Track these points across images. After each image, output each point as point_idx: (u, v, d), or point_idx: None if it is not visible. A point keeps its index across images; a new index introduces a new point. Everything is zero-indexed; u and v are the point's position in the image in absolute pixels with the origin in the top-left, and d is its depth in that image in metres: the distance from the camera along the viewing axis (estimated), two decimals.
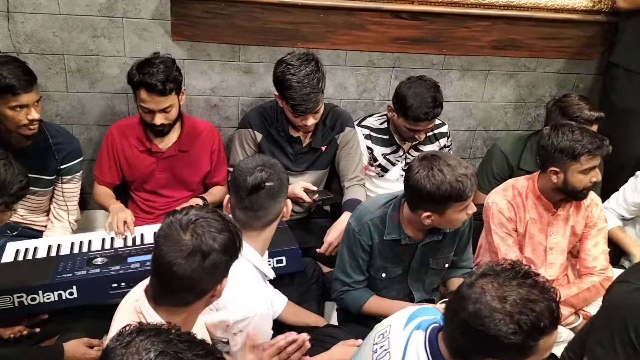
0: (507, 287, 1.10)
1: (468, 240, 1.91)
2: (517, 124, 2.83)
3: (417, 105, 2.20)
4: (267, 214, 1.51)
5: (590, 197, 2.15)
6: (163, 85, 2.00)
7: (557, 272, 2.23)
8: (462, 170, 1.60)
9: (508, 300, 1.08)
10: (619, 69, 2.49)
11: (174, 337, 0.85)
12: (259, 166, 1.50)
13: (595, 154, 1.94)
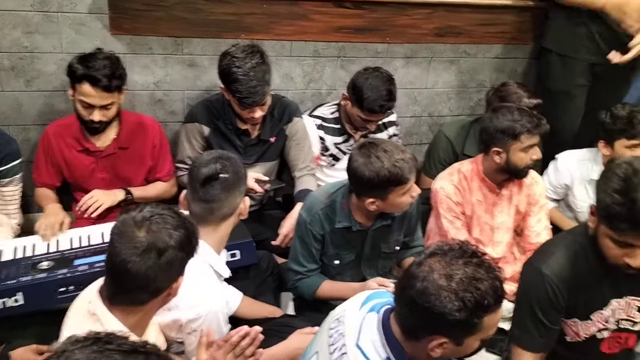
0: (454, 266, 1.14)
1: (417, 221, 1.97)
2: (461, 109, 2.91)
3: (373, 97, 2.23)
4: (222, 206, 1.50)
5: (531, 176, 2.24)
6: (109, 81, 1.95)
7: (503, 250, 2.33)
8: (399, 155, 1.64)
9: (454, 278, 1.12)
10: (552, 54, 2.58)
11: (113, 347, 0.81)
12: (214, 158, 1.52)
13: (534, 132, 2.03)
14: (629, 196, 1.31)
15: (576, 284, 1.56)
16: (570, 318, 1.63)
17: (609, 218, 1.38)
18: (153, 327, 1.35)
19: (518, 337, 1.65)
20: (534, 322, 1.60)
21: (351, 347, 1.25)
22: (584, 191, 2.47)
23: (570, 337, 1.66)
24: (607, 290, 1.59)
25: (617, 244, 1.41)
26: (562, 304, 1.57)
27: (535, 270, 1.59)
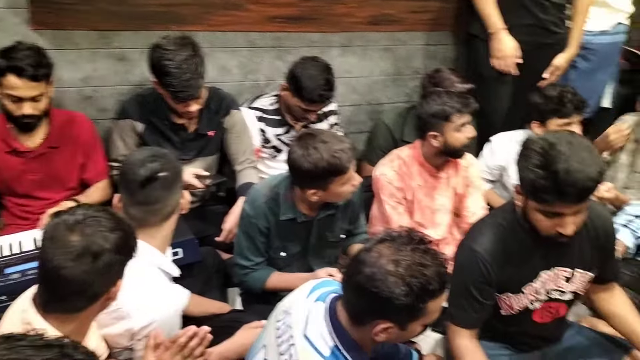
0: (402, 252, 1.17)
1: (359, 209, 1.99)
2: (398, 96, 2.95)
3: (312, 87, 2.23)
4: (165, 206, 1.45)
5: (466, 158, 2.32)
6: (35, 70, 1.86)
7: (444, 231, 2.39)
8: (337, 146, 1.65)
9: (402, 264, 1.15)
10: (478, 40, 2.64)
11: (24, 344, 0.78)
12: (149, 157, 1.44)
13: (464, 111, 2.11)
14: (551, 169, 1.35)
15: (507, 259, 1.60)
16: (503, 292, 1.68)
17: (535, 193, 1.41)
18: (94, 335, 1.30)
19: (454, 315, 1.68)
20: (468, 300, 1.63)
21: (299, 338, 1.25)
22: None
23: (504, 310, 1.72)
24: (536, 263, 1.64)
25: (547, 216, 1.45)
26: (494, 280, 1.61)
27: (467, 248, 1.63)
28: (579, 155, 1.35)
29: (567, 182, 1.33)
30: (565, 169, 1.33)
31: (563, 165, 1.33)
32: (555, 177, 1.34)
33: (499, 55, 2.54)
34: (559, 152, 1.35)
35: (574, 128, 2.32)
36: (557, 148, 1.36)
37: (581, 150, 1.36)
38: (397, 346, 1.75)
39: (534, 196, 1.43)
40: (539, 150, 1.39)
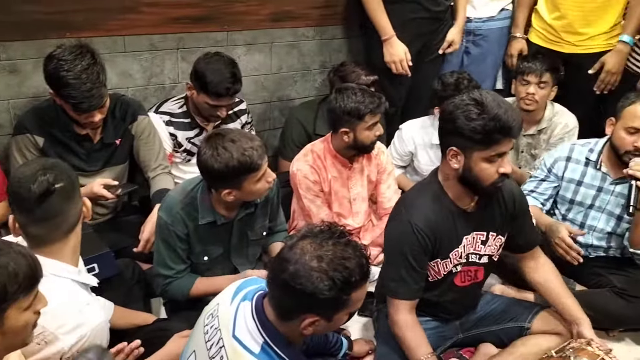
0: (325, 247, 1.20)
1: (278, 205, 2.00)
2: (307, 91, 2.99)
3: (217, 81, 2.20)
4: (67, 218, 1.37)
5: (377, 147, 2.40)
6: None
7: (362, 219, 2.47)
8: (247, 144, 1.65)
9: (324, 259, 1.18)
10: (373, 32, 2.71)
11: None
12: (39, 170, 1.34)
13: (377, 111, 2.18)
14: (492, 113, 1.54)
15: (438, 228, 1.73)
16: (434, 259, 1.80)
17: (486, 136, 1.57)
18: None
19: (395, 290, 1.78)
20: (408, 271, 1.74)
21: (228, 340, 1.25)
22: (427, 156, 2.69)
23: (432, 277, 1.83)
24: (460, 229, 1.78)
25: (491, 161, 1.61)
26: (430, 248, 1.74)
27: (402, 221, 1.73)
28: (500, 100, 1.60)
29: (509, 120, 1.55)
30: (504, 112, 1.55)
31: (499, 110, 1.55)
32: (499, 118, 1.54)
33: (391, 59, 2.65)
34: (488, 101, 1.57)
35: None
36: (484, 99, 1.58)
37: (498, 98, 1.61)
38: (327, 335, 1.80)
39: (486, 141, 1.58)
40: (472, 104, 1.58)
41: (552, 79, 2.55)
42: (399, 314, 1.78)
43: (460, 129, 1.58)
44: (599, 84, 2.67)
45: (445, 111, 1.67)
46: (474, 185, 1.68)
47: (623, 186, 2.17)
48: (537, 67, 2.52)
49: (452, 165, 1.67)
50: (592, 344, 1.77)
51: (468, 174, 1.65)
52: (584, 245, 2.30)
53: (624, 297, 2.16)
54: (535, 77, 2.52)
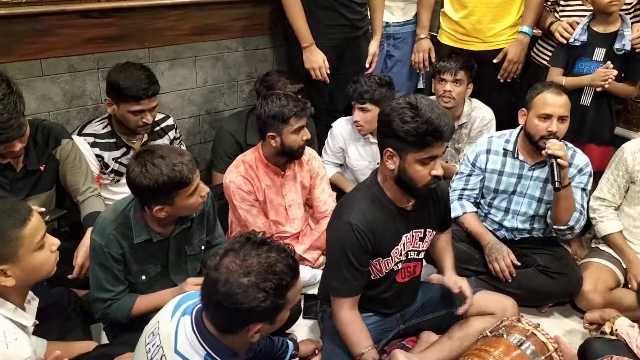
0: (248, 260, 1.21)
1: (214, 218, 2.00)
2: (235, 102, 3.00)
3: (133, 84, 2.16)
4: None
5: (307, 153, 2.46)
6: None
7: (299, 224, 2.51)
8: (176, 159, 1.64)
9: (252, 272, 1.19)
10: (294, 40, 2.77)
11: None
12: None
13: (301, 115, 2.23)
14: (425, 117, 1.63)
15: (378, 228, 1.80)
16: (376, 258, 1.87)
17: (420, 138, 1.65)
18: None
19: (337, 288, 1.84)
20: (349, 270, 1.80)
21: (170, 355, 1.26)
22: (356, 151, 2.78)
23: (374, 275, 1.91)
24: (399, 228, 1.87)
25: (424, 164, 1.70)
26: (370, 247, 1.80)
27: (343, 222, 1.79)
28: (435, 105, 1.69)
29: (440, 124, 1.64)
30: (436, 116, 1.64)
31: (432, 115, 1.64)
32: (431, 122, 1.63)
33: (311, 66, 2.73)
34: (423, 106, 1.66)
35: (369, 111, 2.60)
36: (419, 103, 1.67)
37: (433, 103, 1.70)
38: (273, 340, 1.82)
39: (419, 143, 1.66)
40: (407, 107, 1.66)
41: (467, 76, 2.70)
42: (341, 310, 1.84)
43: (396, 130, 1.67)
44: (502, 73, 2.83)
45: (383, 113, 1.75)
46: (408, 186, 1.76)
47: (540, 170, 2.33)
48: (451, 65, 2.66)
49: (388, 166, 1.75)
50: (522, 320, 1.90)
51: (403, 175, 1.73)
52: (509, 229, 2.45)
53: (548, 275, 2.31)
54: (451, 76, 2.66)
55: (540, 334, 1.83)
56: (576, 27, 2.53)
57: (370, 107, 2.59)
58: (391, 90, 2.63)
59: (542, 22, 2.73)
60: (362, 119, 2.63)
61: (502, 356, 1.75)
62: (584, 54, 2.53)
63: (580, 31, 2.51)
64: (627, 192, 2.43)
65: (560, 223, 2.27)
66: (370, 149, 2.76)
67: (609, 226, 2.43)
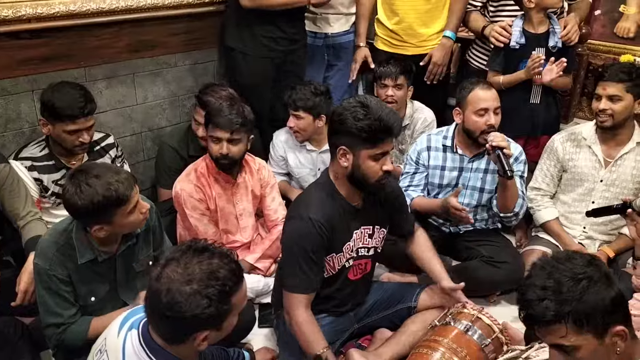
0: (190, 268, 1.21)
1: (161, 232, 1.98)
2: (178, 117, 2.98)
3: (67, 103, 2.10)
4: None
5: (257, 162, 2.49)
6: None
7: (250, 233, 2.52)
8: (112, 177, 1.62)
9: (194, 280, 1.19)
10: (235, 52, 2.81)
11: None
12: None
13: (215, 125, 2.26)
14: (376, 116, 1.73)
15: (333, 223, 1.86)
16: (330, 254, 1.92)
17: (372, 135, 1.74)
18: None
19: (295, 285, 1.87)
20: (308, 265, 1.85)
21: None
22: (296, 159, 2.81)
23: (327, 272, 1.95)
24: (350, 224, 1.94)
25: (376, 160, 1.78)
26: (327, 242, 1.86)
27: (302, 218, 1.84)
28: (383, 104, 1.82)
29: (390, 120, 1.75)
30: (386, 114, 1.75)
31: (382, 113, 1.74)
32: (382, 118, 1.73)
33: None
34: (373, 104, 1.76)
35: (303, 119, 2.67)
36: (369, 102, 1.77)
37: (381, 102, 1.84)
38: (227, 352, 1.82)
39: (371, 140, 1.75)
40: (359, 106, 1.76)
41: (407, 80, 2.79)
42: (296, 309, 1.86)
43: (349, 128, 1.75)
44: (428, 75, 2.92)
45: (335, 113, 1.82)
46: (361, 182, 1.83)
47: (479, 162, 2.45)
48: (392, 71, 2.75)
49: (342, 164, 1.82)
50: (467, 306, 1.98)
51: (356, 172, 1.80)
52: (453, 220, 2.54)
53: (492, 264, 2.41)
54: (392, 81, 2.75)
55: (485, 317, 1.91)
56: (510, 30, 2.65)
57: (304, 115, 2.63)
58: (327, 99, 2.67)
59: (475, 26, 2.84)
60: (296, 125, 2.67)
61: (451, 344, 1.82)
62: (524, 55, 2.63)
63: (518, 34, 2.62)
64: (561, 181, 2.57)
65: (507, 210, 2.39)
66: (309, 156, 2.80)
67: (546, 214, 2.56)
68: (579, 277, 1.15)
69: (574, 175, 2.49)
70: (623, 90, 2.28)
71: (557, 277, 1.17)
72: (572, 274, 1.16)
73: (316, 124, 2.67)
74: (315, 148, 2.78)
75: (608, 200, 2.38)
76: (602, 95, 2.31)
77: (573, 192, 2.52)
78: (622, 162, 2.40)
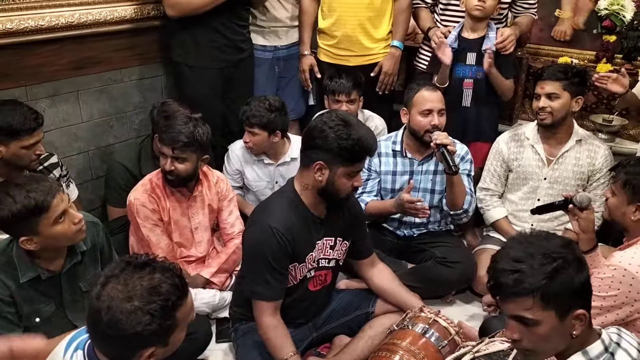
0: (130, 284, 1.17)
1: (110, 251, 1.93)
2: (126, 134, 2.93)
3: (21, 118, 2.03)
4: None
5: (215, 175, 2.48)
6: None
7: (205, 248, 2.49)
8: (31, 186, 1.58)
9: (134, 297, 1.16)
10: (181, 65, 2.79)
11: None
12: None
13: (166, 142, 2.22)
14: (356, 136, 1.76)
15: (295, 231, 1.86)
16: (293, 263, 1.91)
17: (351, 156, 1.78)
18: None
19: (260, 293, 1.87)
20: (271, 273, 1.84)
21: None
22: (254, 172, 2.80)
23: (288, 283, 1.93)
24: (313, 235, 1.94)
25: (349, 177, 1.82)
26: (289, 250, 1.86)
27: (263, 226, 1.84)
28: (362, 123, 1.88)
29: (370, 141, 1.80)
30: (366, 134, 1.80)
31: (360, 133, 1.78)
32: (364, 139, 1.78)
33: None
34: (354, 124, 1.80)
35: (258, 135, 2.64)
36: (350, 122, 1.80)
37: (360, 121, 1.89)
38: None
39: (352, 159, 1.79)
40: (341, 125, 1.78)
41: (359, 94, 2.81)
42: (264, 316, 1.86)
43: (330, 146, 1.76)
44: (380, 85, 2.95)
45: (315, 129, 1.81)
46: (331, 196, 1.85)
47: (428, 164, 2.51)
48: (344, 86, 2.74)
49: (316, 178, 1.83)
50: (424, 309, 2.00)
51: (330, 187, 1.82)
52: (408, 225, 2.58)
53: (446, 265, 2.46)
54: (345, 96, 2.76)
55: (442, 319, 1.94)
56: (450, 35, 2.72)
57: (259, 132, 2.62)
58: (283, 115, 2.66)
59: (422, 25, 2.89)
60: (251, 140, 2.66)
61: (409, 346, 1.84)
62: (458, 59, 2.71)
63: (452, 39, 2.71)
64: (507, 180, 2.65)
65: (456, 208, 2.45)
66: (267, 169, 2.79)
67: (495, 213, 2.63)
68: (554, 257, 1.19)
69: (519, 175, 2.57)
70: (560, 88, 2.37)
71: (532, 252, 1.21)
72: (547, 252, 1.20)
73: (271, 139, 2.66)
74: (272, 161, 2.77)
75: (553, 198, 2.46)
76: (541, 94, 2.41)
77: (519, 191, 2.60)
78: (564, 160, 2.49)
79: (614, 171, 1.94)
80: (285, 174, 2.71)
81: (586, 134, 2.55)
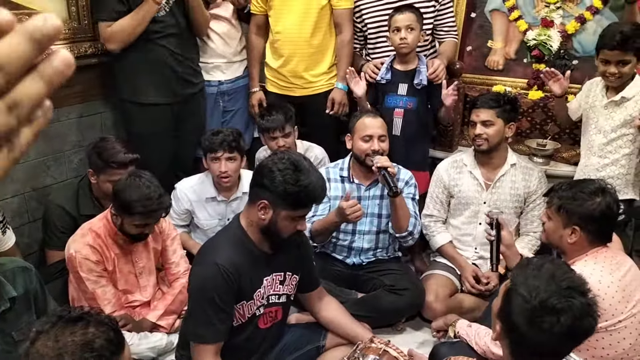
0: (61, 341, 1.13)
1: (45, 297, 1.84)
2: (64, 173, 2.83)
3: None
4: None
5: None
6: None
7: (151, 292, 2.41)
8: None
9: (66, 354, 1.11)
10: (127, 103, 2.74)
11: None
12: None
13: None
14: (306, 182, 1.72)
15: (242, 269, 1.81)
16: (240, 302, 1.86)
17: (295, 202, 1.75)
18: None
19: (202, 335, 1.80)
20: (216, 313, 1.77)
21: None
22: (205, 211, 2.75)
23: (236, 321, 1.88)
24: (261, 271, 1.90)
25: (293, 220, 1.79)
26: (235, 288, 1.80)
27: (209, 264, 1.78)
28: (313, 168, 1.81)
29: (318, 192, 1.77)
30: (315, 181, 1.74)
31: (309, 180, 1.72)
32: (313, 187, 1.73)
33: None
34: (304, 169, 1.74)
35: (237, 160, 2.63)
36: (302, 167, 1.74)
37: (312, 165, 1.81)
38: None
39: (296, 205, 1.75)
40: (291, 169, 1.72)
41: (292, 126, 2.84)
42: (205, 359, 1.79)
43: (276, 188, 1.72)
44: (335, 114, 3.01)
45: (265, 167, 1.77)
46: (273, 235, 1.83)
47: (374, 189, 2.56)
48: (278, 122, 2.75)
49: (259, 216, 1.79)
50: (375, 340, 2.00)
51: (272, 227, 1.79)
52: (357, 251, 2.60)
53: (395, 292, 2.48)
54: (280, 132, 2.77)
55: (392, 349, 1.93)
56: (381, 68, 2.81)
57: (237, 156, 2.62)
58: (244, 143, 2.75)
59: (355, 65, 3.00)
60: (229, 169, 2.60)
61: None
62: (390, 90, 2.81)
63: (384, 71, 2.80)
64: (450, 206, 2.71)
65: (401, 230, 2.49)
66: (219, 207, 2.74)
67: (440, 239, 2.68)
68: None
69: (460, 200, 2.65)
70: (494, 116, 2.47)
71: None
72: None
73: (242, 165, 2.68)
74: (225, 198, 2.73)
75: None
76: (476, 121, 2.50)
77: (461, 216, 2.66)
78: (501, 184, 2.58)
79: (548, 196, 2.02)
80: (237, 210, 2.68)
81: (520, 158, 2.66)
